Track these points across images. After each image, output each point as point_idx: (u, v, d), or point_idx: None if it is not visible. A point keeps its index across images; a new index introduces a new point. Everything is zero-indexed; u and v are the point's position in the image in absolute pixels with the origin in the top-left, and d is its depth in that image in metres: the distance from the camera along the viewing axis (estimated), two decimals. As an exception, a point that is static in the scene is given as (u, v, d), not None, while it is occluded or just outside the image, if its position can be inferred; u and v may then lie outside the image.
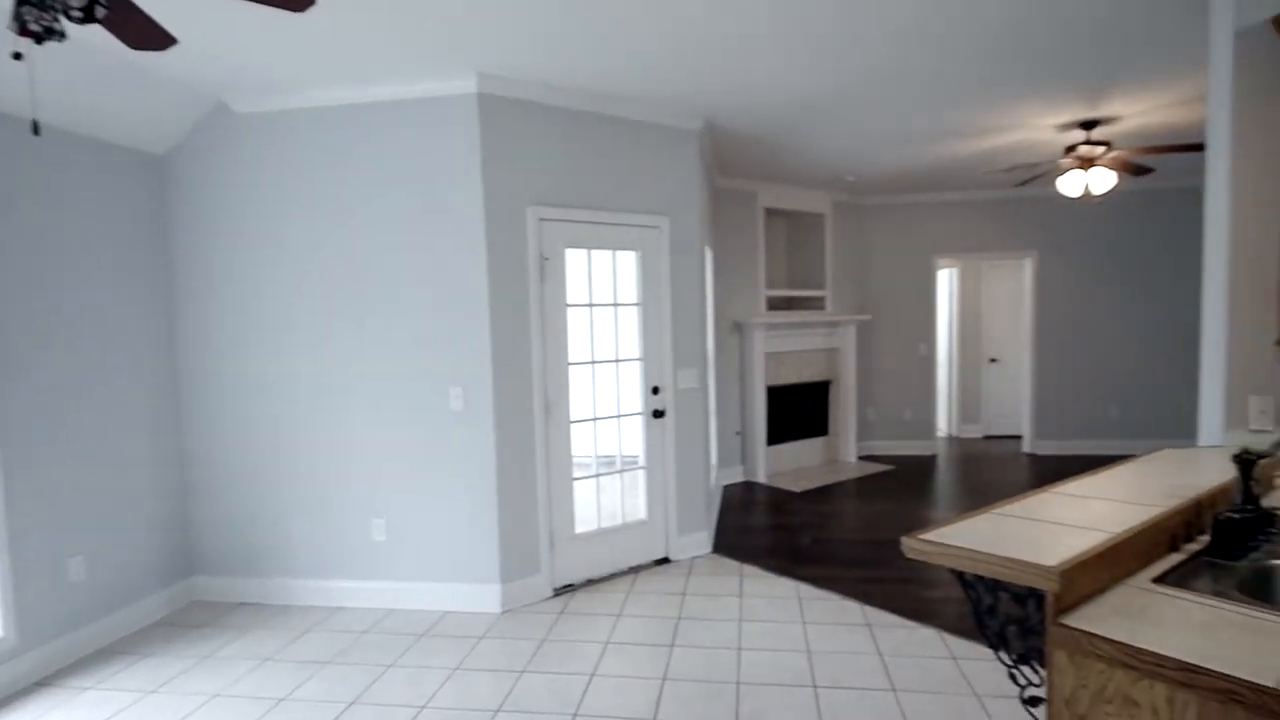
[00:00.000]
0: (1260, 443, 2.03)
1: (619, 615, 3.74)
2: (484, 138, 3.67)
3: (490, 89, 3.65)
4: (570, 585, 4.12)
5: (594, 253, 4.19)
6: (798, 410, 7.39)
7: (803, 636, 3.42)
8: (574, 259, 4.12)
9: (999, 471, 7.13)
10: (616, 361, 4.33)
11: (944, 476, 6.98)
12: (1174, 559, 1.56)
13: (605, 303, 4.27)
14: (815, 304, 7.49)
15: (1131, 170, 4.71)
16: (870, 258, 7.90)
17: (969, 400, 9.07)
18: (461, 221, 3.71)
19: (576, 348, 4.14)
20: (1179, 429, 7.00)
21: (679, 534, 4.57)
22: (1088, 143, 4.59)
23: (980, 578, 1.38)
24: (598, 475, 4.31)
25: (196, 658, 3.39)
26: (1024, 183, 5.18)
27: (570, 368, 4.09)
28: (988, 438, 8.94)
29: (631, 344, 4.36)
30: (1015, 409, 8.61)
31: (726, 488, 6.62)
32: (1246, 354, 2.28)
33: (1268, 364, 2.28)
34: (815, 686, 2.94)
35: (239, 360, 3.97)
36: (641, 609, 3.81)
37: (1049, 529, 1.47)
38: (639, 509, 4.45)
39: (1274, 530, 1.73)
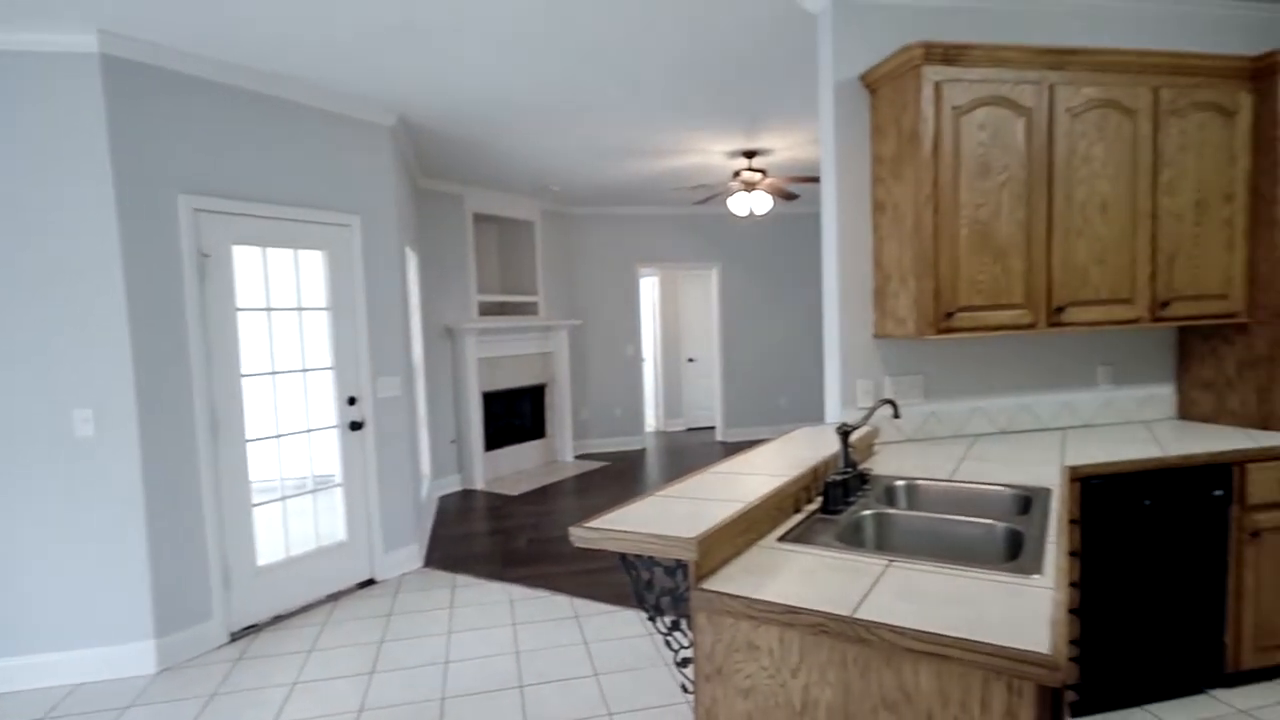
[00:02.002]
0: (860, 417, 2.54)
1: (311, 650, 3.37)
2: (112, 110, 3.04)
3: (119, 50, 3.04)
4: (254, 626, 3.62)
5: (272, 251, 3.73)
6: (515, 414, 7.44)
7: (512, 639, 3.42)
8: (246, 258, 3.62)
9: (697, 459, 7.94)
10: (304, 371, 3.91)
11: (652, 467, 7.56)
12: (797, 519, 1.85)
13: (288, 306, 3.83)
14: (528, 309, 7.60)
15: (783, 195, 5.58)
16: (579, 265, 8.26)
17: (672, 396, 9.97)
18: (84, 210, 3.03)
19: (253, 357, 3.65)
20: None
21: (385, 551, 4.29)
22: (749, 169, 5.34)
23: (639, 556, 1.49)
24: (284, 498, 3.85)
25: None
26: (703, 201, 5.86)
27: (245, 380, 3.59)
28: (689, 430, 9.92)
29: (322, 351, 3.98)
30: (710, 403, 9.70)
31: (443, 498, 6.40)
32: (854, 346, 2.82)
33: (869, 354, 2.84)
34: (521, 686, 2.96)
35: None
36: (339, 639, 3.48)
37: (700, 505, 1.64)
38: (337, 530, 4.08)
39: (868, 487, 2.15)
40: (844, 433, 1.99)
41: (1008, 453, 2.58)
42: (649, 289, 9.83)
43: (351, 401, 4.08)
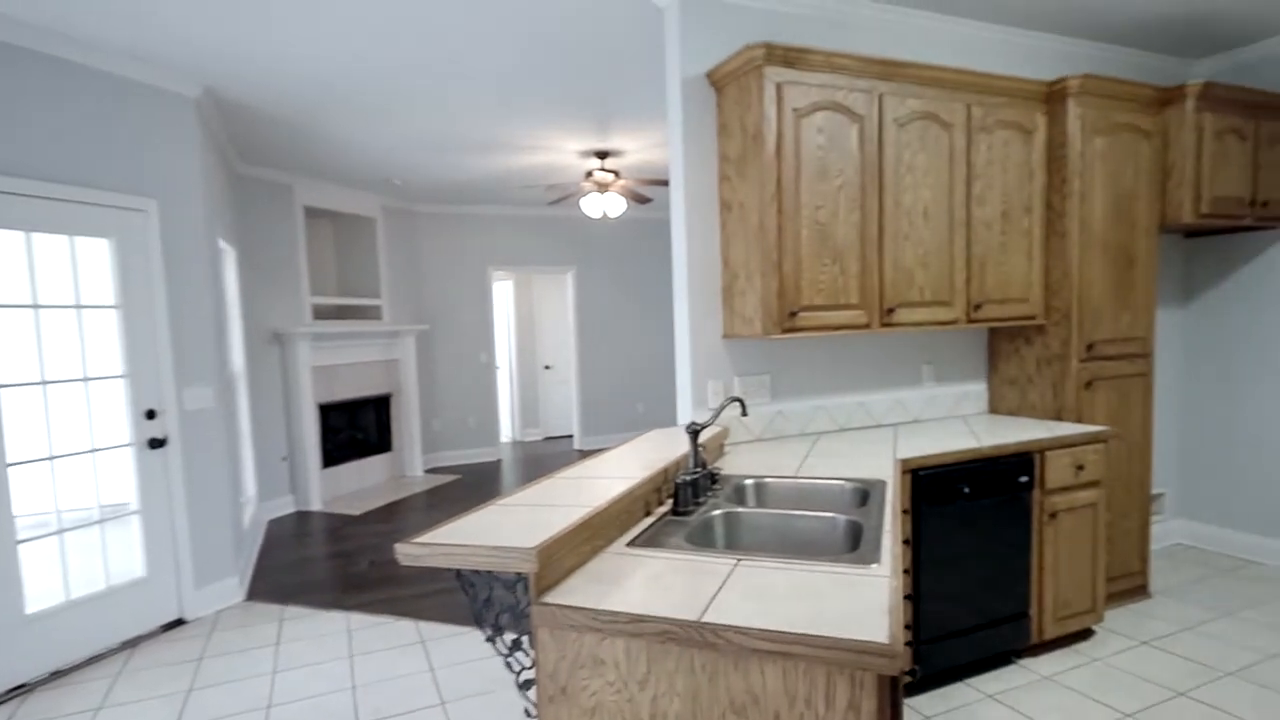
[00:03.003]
0: (709, 417, 2.54)
1: (99, 709, 2.86)
2: None
3: None
4: (23, 686, 3.02)
5: (37, 236, 3.15)
6: (357, 427, 6.91)
7: (349, 673, 3.09)
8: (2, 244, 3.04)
9: (554, 469, 7.78)
10: (85, 380, 3.34)
11: (508, 479, 7.31)
12: (648, 522, 1.78)
13: (61, 304, 3.25)
14: (371, 313, 7.10)
15: (636, 199, 5.60)
16: (428, 266, 7.85)
17: (529, 405, 9.73)
18: None
19: (14, 364, 3.06)
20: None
21: (197, 587, 3.76)
22: (602, 170, 5.30)
23: (476, 571, 1.34)
24: (62, 531, 3.26)
25: None
26: (556, 202, 5.76)
27: (1, 391, 3.00)
28: (547, 439, 9.73)
29: (110, 357, 3.42)
30: (568, 411, 9.58)
31: (273, 522, 5.78)
32: (704, 346, 2.82)
33: (719, 354, 2.85)
34: (355, 726, 2.67)
35: None
36: (136, 691, 2.99)
37: (543, 512, 1.52)
38: (134, 565, 3.51)
39: (718, 486, 2.12)
40: (693, 432, 1.94)
41: (847, 448, 2.68)
42: (503, 293, 9.55)
43: (150, 415, 3.54)
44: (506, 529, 1.38)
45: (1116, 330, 3.13)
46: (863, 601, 1.20)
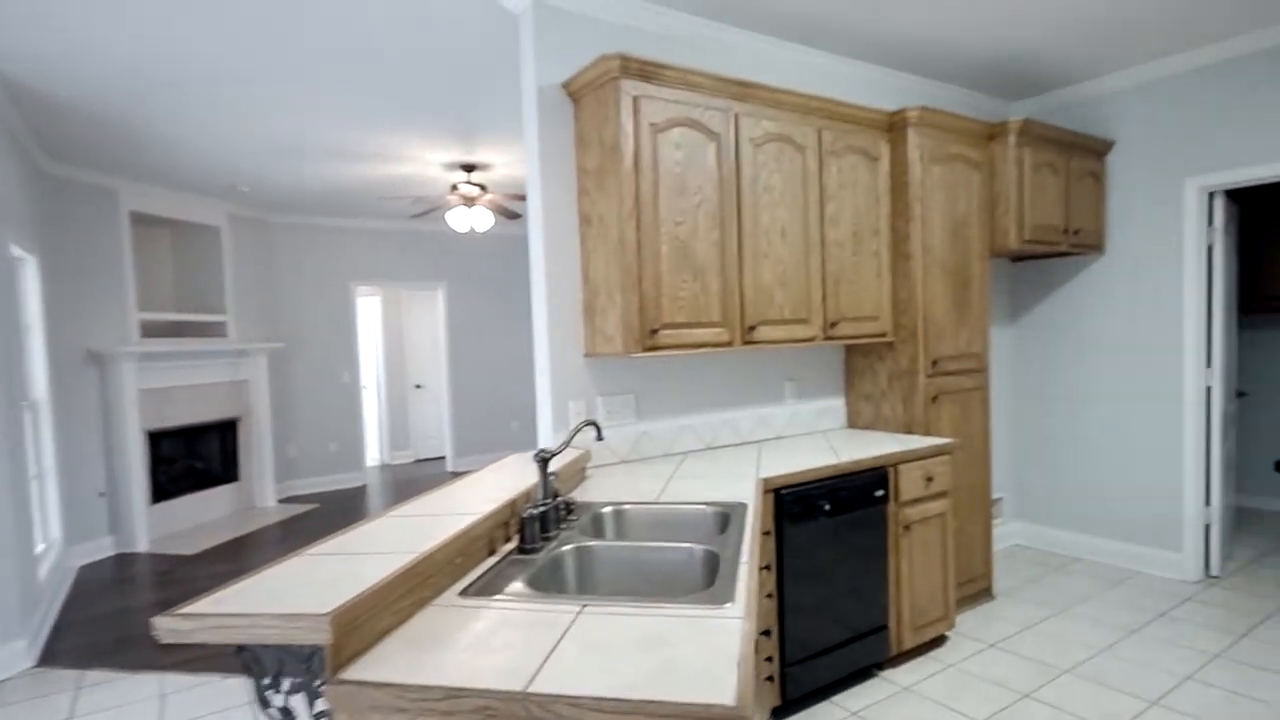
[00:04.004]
0: (578, 441, 2.41)
1: None
2: None
3: None
4: None
5: None
6: (196, 455, 6.22)
7: (159, 747, 2.68)
8: None
9: (423, 492, 7.35)
10: None
11: (374, 506, 6.82)
12: (489, 563, 1.62)
13: None
14: (215, 330, 6.43)
15: (505, 214, 5.42)
16: (283, 281, 7.24)
17: (398, 426, 9.20)
18: None
19: None
20: (561, 434, 8.46)
21: (-31, 658, 3.16)
22: (468, 183, 5.08)
23: (265, 645, 1.13)
24: None
25: None
26: (421, 215, 5.47)
27: None
28: (418, 461, 9.23)
29: None
30: (440, 431, 9.14)
31: (85, 568, 5.05)
32: (565, 365, 2.69)
33: (580, 373, 2.73)
34: (160, 813, 2.29)
35: None
36: None
37: (357, 563, 1.33)
38: (-121, 640, 2.90)
39: (574, 517, 1.99)
40: (543, 460, 1.81)
41: (711, 469, 2.64)
42: (370, 310, 9.01)
43: (-96, 455, 2.95)
44: (306, 588, 1.19)
45: (957, 347, 3.31)
46: (713, 650, 1.11)
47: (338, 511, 6.57)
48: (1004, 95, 4.16)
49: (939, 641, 3.12)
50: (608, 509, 2.10)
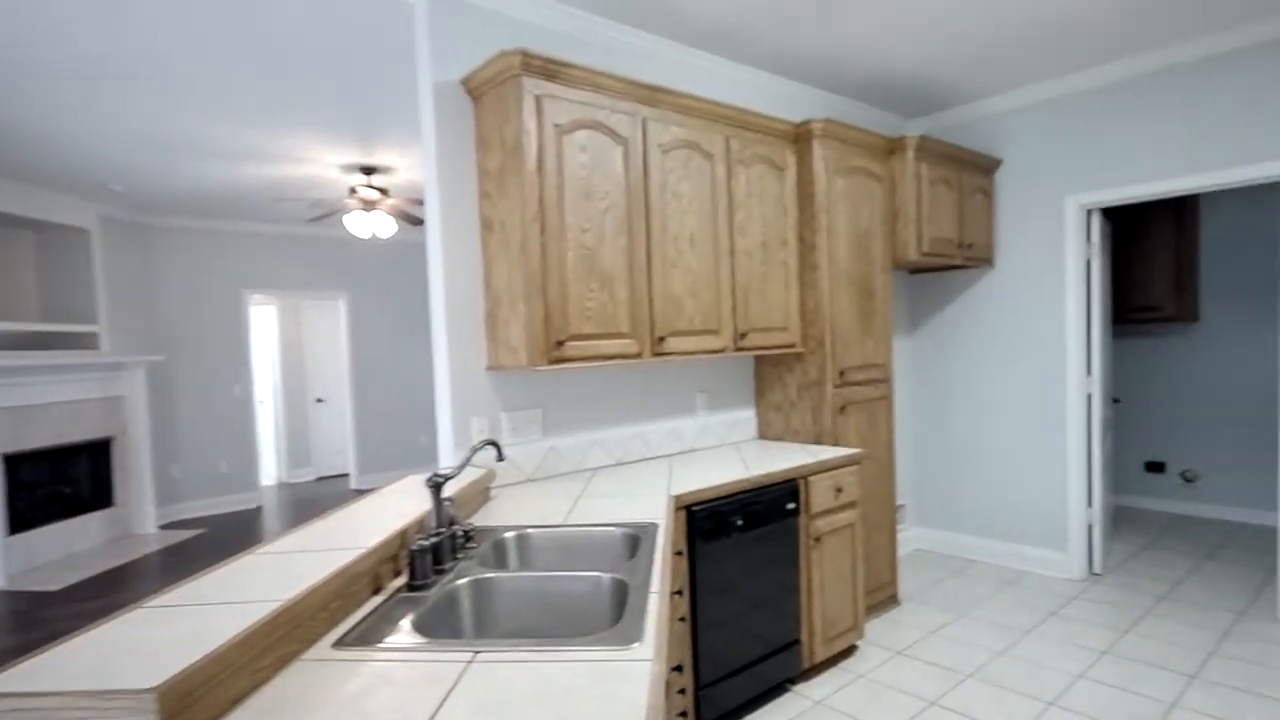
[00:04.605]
0: (482, 458, 2.27)
1: None
2: None
3: None
4: None
5: None
6: (63, 480, 5.63)
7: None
8: None
9: (325, 510, 6.92)
10: None
11: (269, 529, 6.36)
12: (375, 603, 1.46)
13: None
14: (85, 342, 5.84)
15: (408, 219, 5.18)
16: (164, 289, 6.67)
17: (298, 443, 8.66)
18: None
19: None
20: (473, 448, 8.21)
21: None
22: (368, 187, 4.82)
23: (79, 721, 0.94)
24: None
25: None
26: (318, 219, 5.15)
27: None
28: (320, 479, 8.73)
29: None
30: (343, 447, 8.67)
31: (-84, 615, 4.43)
32: (466, 379, 2.55)
33: (483, 387, 2.59)
34: None
35: None
36: None
37: (213, 614, 1.15)
38: None
39: (473, 545, 1.85)
40: (436, 485, 1.66)
41: (622, 486, 2.55)
42: (265, 320, 8.45)
43: None
44: (136, 654, 1.01)
45: (863, 357, 3.36)
46: (619, 703, 1.01)
47: (230, 536, 6.09)
48: (902, 113, 4.31)
49: (849, 652, 3.14)
50: (511, 534, 1.97)
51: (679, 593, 2.32)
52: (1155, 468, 5.32)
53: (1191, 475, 5.15)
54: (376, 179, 4.95)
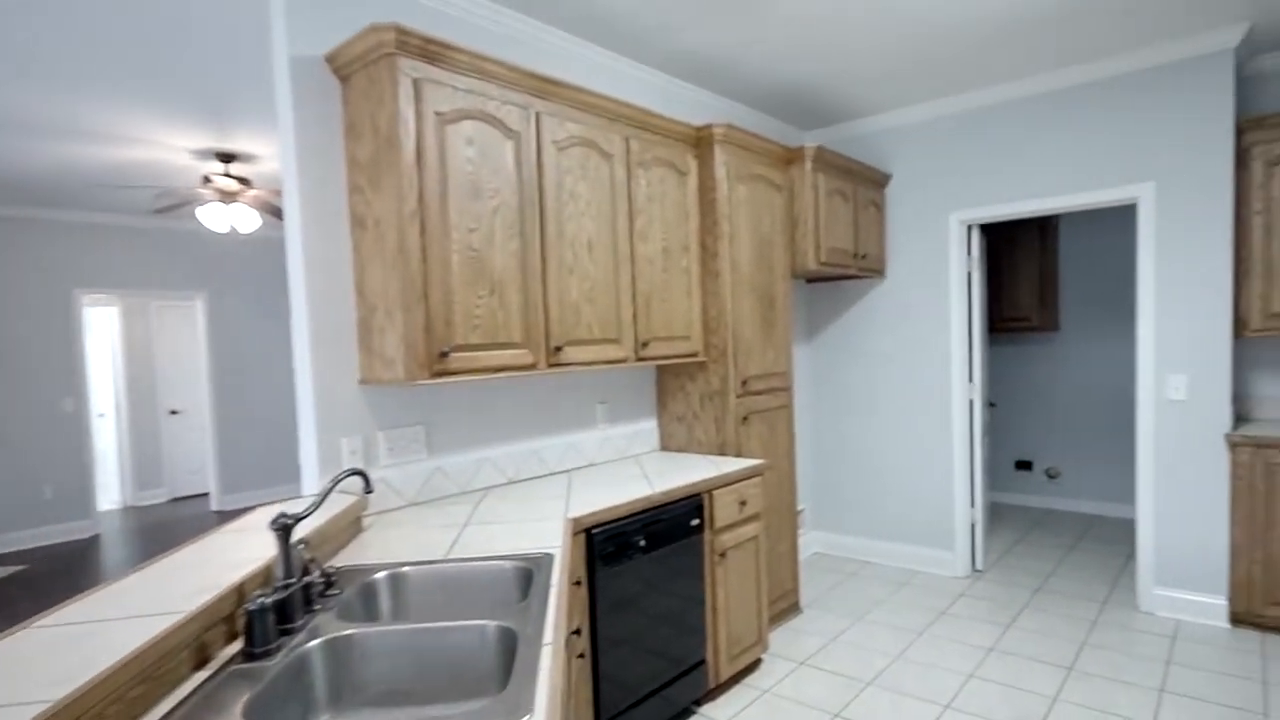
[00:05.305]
0: (310, 503, 1.99)
1: None
2: None
3: None
4: None
5: None
6: None
7: None
8: None
9: (178, 540, 6.18)
10: None
11: (106, 563, 5.57)
12: (199, 679, 1.18)
13: None
14: None
15: (274, 213, 4.69)
16: (-28, 286, 5.74)
17: (147, 461, 7.74)
18: None
19: None
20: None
21: None
22: (226, 176, 4.31)
23: None
24: None
25: None
26: (165, 210, 4.56)
27: None
28: (174, 500, 7.84)
29: None
30: (202, 464, 7.83)
31: None
32: (335, 395, 2.24)
33: (355, 404, 2.30)
34: None
35: None
36: None
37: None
38: None
39: (335, 591, 1.58)
40: (283, 528, 1.39)
41: (516, 509, 2.33)
42: (105, 323, 7.50)
43: None
44: None
45: (765, 366, 3.31)
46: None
47: (59, 571, 5.29)
48: (799, 124, 4.33)
49: (755, 666, 3.06)
50: (383, 575, 1.71)
51: (577, 632, 2.13)
52: (1024, 466, 5.67)
53: (1054, 472, 5.53)
54: (236, 168, 4.44)
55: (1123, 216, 5.18)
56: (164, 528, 6.60)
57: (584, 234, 2.55)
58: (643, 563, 2.40)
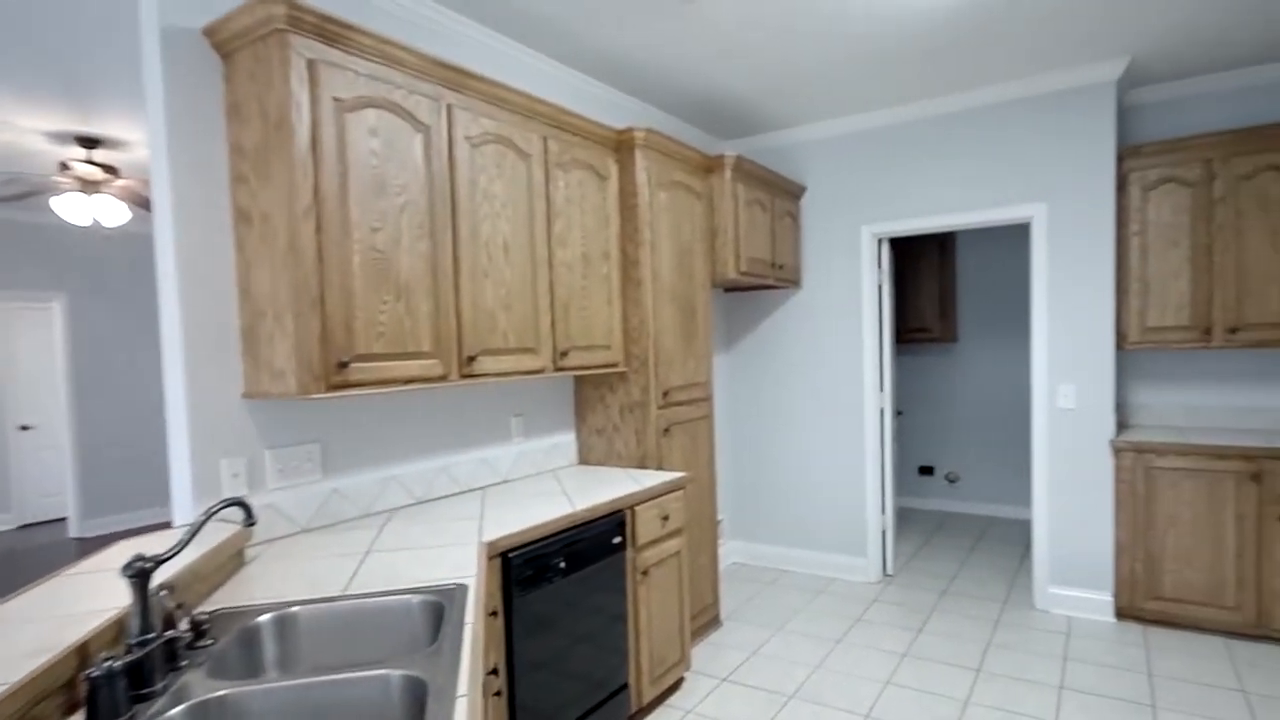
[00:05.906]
0: (176, 542, 1.72)
1: None
2: None
3: None
4: None
5: None
6: None
7: None
8: None
9: (25, 577, 5.47)
10: None
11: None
12: (26, 768, 0.96)
13: None
14: None
15: (144, 204, 4.23)
16: None
17: (-9, 483, 6.85)
18: None
19: None
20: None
21: None
22: (89, 163, 3.84)
23: None
24: None
25: None
26: (13, 200, 4.01)
27: None
28: (24, 526, 6.97)
29: None
30: (59, 485, 7.01)
31: None
32: (214, 411, 1.98)
33: (238, 421, 2.04)
34: None
35: None
36: None
37: None
38: None
39: (208, 642, 1.36)
40: (139, 574, 1.16)
41: (424, 532, 2.14)
42: (-59, 327, 6.59)
43: None
44: None
45: (686, 376, 3.25)
46: None
47: None
48: (717, 133, 4.33)
49: (677, 686, 2.97)
50: (267, 618, 1.50)
51: (494, 671, 1.96)
52: (926, 471, 5.89)
53: (954, 477, 5.78)
54: (101, 154, 3.96)
55: (1016, 235, 5.49)
56: (8, 560, 5.83)
57: (499, 236, 2.39)
58: (563, 586, 2.26)
